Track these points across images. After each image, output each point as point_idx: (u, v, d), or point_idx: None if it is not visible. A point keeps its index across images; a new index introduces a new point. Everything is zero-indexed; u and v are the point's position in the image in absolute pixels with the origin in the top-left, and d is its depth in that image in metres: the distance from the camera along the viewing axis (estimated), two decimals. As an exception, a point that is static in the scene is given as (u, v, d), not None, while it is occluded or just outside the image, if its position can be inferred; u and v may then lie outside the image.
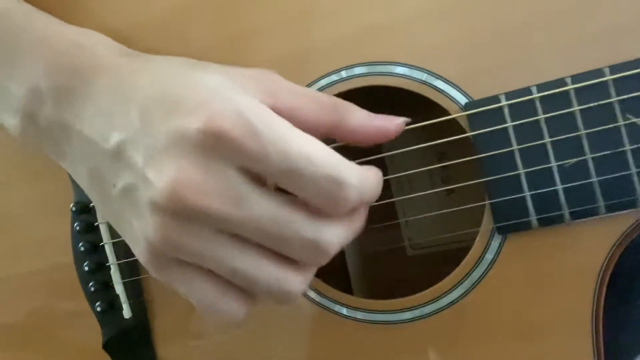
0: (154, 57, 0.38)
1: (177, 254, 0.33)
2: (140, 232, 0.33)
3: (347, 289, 0.54)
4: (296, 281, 0.34)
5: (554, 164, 0.38)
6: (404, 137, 0.40)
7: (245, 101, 0.32)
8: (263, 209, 0.32)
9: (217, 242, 0.32)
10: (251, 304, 0.35)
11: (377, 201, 0.40)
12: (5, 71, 0.37)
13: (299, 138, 0.32)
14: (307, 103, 0.35)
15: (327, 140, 0.35)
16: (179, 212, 0.31)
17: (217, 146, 0.31)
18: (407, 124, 0.38)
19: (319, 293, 0.44)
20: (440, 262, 0.52)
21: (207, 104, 0.31)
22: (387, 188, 0.53)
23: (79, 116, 0.35)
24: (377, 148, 0.41)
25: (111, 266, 0.48)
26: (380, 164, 0.49)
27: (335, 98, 0.37)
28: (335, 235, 0.33)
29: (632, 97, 0.36)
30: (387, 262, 0.55)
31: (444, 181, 0.52)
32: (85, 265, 0.48)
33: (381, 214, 0.48)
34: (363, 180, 0.33)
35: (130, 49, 0.39)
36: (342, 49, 0.41)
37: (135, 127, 0.33)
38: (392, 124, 0.37)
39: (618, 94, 0.36)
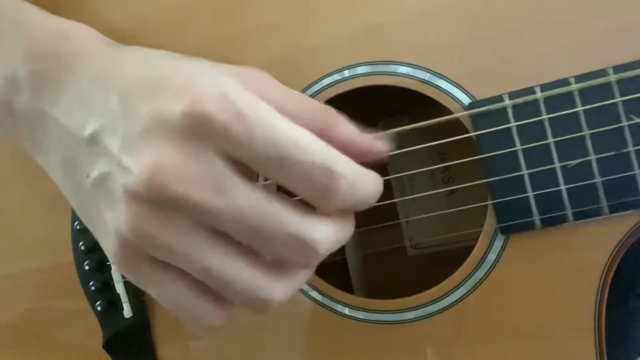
0: (138, 47, 0.37)
1: (149, 248, 0.30)
2: (112, 224, 0.31)
3: (348, 288, 0.53)
4: (277, 289, 0.31)
5: (557, 164, 0.37)
6: (406, 137, 0.40)
7: (231, 84, 0.30)
8: (247, 199, 0.29)
9: (193, 236, 0.30)
10: (230, 311, 0.33)
11: (378, 201, 0.40)
12: None
13: (286, 124, 0.30)
14: (296, 104, 0.33)
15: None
16: (155, 200, 0.29)
17: (200, 130, 0.29)
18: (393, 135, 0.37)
19: (320, 292, 0.44)
20: (441, 262, 0.52)
21: (190, 86, 0.29)
22: (388, 188, 0.53)
23: (56, 104, 0.34)
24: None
25: (112, 265, 0.47)
26: (381, 163, 0.49)
27: (326, 106, 0.35)
28: (325, 233, 0.31)
29: (636, 98, 0.36)
30: (388, 262, 0.55)
31: (445, 181, 0.52)
32: (86, 265, 0.48)
33: (382, 214, 0.48)
34: (357, 174, 0.31)
35: (118, 43, 0.38)
36: (345, 48, 0.41)
37: (114, 112, 0.31)
38: (377, 143, 0.34)
39: (622, 95, 0.36)
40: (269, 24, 0.42)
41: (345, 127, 0.34)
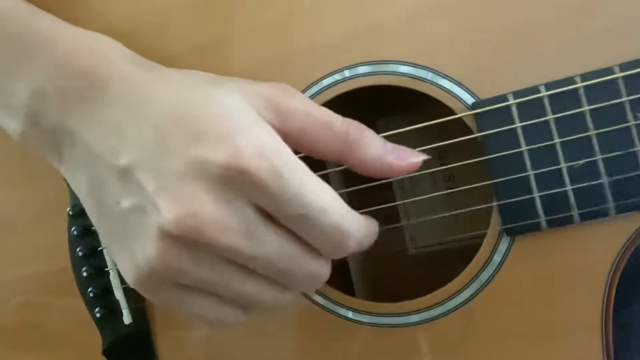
0: (169, 71, 0.37)
1: (177, 278, 0.33)
2: (140, 254, 0.33)
3: (349, 289, 0.53)
4: (288, 297, 0.37)
5: (563, 164, 0.37)
6: (407, 137, 0.39)
7: (269, 139, 0.32)
8: (273, 246, 0.33)
9: (224, 269, 0.33)
10: (249, 314, 0.37)
11: (379, 203, 0.40)
12: (10, 72, 0.36)
13: (315, 186, 0.32)
14: (318, 128, 0.35)
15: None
16: (188, 242, 0.31)
17: (238, 182, 0.31)
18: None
19: (323, 296, 0.43)
20: (443, 260, 0.52)
21: (231, 138, 0.31)
22: (389, 189, 0.53)
23: (85, 124, 0.34)
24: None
25: (110, 271, 0.47)
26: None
27: (349, 125, 0.36)
28: (328, 269, 0.36)
29: (643, 97, 0.35)
30: (390, 262, 0.55)
31: (445, 180, 0.52)
32: (84, 271, 0.47)
33: (383, 215, 0.47)
34: (365, 232, 0.36)
35: (144, 59, 0.38)
36: (346, 47, 0.40)
37: (149, 148, 0.32)
38: (405, 162, 0.36)
39: (628, 93, 0.36)
40: (268, 24, 0.41)
41: (368, 149, 0.36)
